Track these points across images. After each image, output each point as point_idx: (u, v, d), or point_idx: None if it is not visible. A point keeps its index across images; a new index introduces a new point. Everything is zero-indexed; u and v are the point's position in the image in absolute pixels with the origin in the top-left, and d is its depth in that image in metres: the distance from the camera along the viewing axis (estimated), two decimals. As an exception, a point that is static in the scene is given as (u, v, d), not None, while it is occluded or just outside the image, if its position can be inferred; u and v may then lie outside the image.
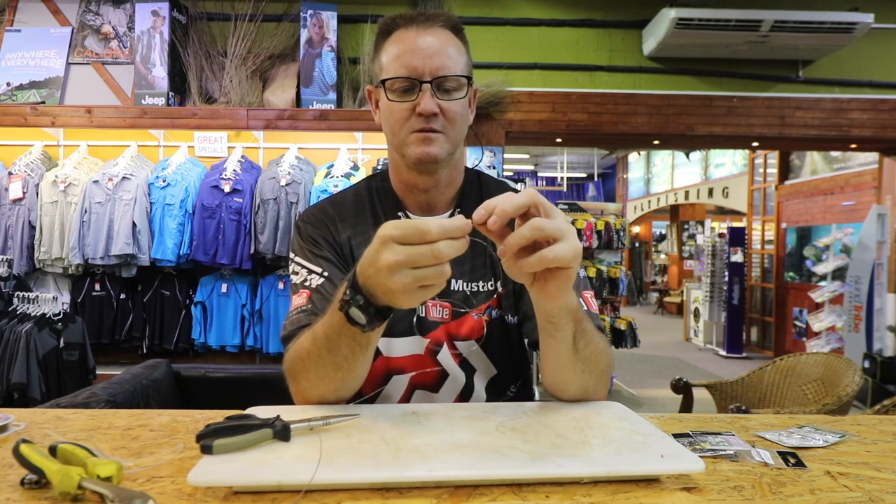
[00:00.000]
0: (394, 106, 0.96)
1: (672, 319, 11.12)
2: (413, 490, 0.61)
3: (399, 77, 0.95)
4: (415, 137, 0.96)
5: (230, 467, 0.62)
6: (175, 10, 3.71)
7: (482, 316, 1.02)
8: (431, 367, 1.02)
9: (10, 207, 3.50)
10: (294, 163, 3.55)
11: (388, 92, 0.96)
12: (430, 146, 0.96)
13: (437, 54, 0.95)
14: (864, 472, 0.71)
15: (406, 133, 0.97)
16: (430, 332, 1.02)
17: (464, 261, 1.03)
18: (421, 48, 0.94)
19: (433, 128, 0.96)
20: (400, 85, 0.95)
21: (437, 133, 0.96)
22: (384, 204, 1.07)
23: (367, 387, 1.00)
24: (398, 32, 0.98)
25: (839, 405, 2.30)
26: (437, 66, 0.94)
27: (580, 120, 3.95)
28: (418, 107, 0.94)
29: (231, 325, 3.58)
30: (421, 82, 0.94)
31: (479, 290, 1.03)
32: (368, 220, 1.05)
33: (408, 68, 0.94)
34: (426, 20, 0.97)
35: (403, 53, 0.95)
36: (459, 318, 1.01)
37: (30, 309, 2.70)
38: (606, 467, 0.64)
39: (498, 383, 1.04)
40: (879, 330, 4.98)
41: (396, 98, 0.96)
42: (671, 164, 11.96)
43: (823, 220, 6.75)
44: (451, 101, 0.96)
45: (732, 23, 3.64)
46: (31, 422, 0.86)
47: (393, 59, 0.96)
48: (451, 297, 1.02)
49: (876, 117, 4.04)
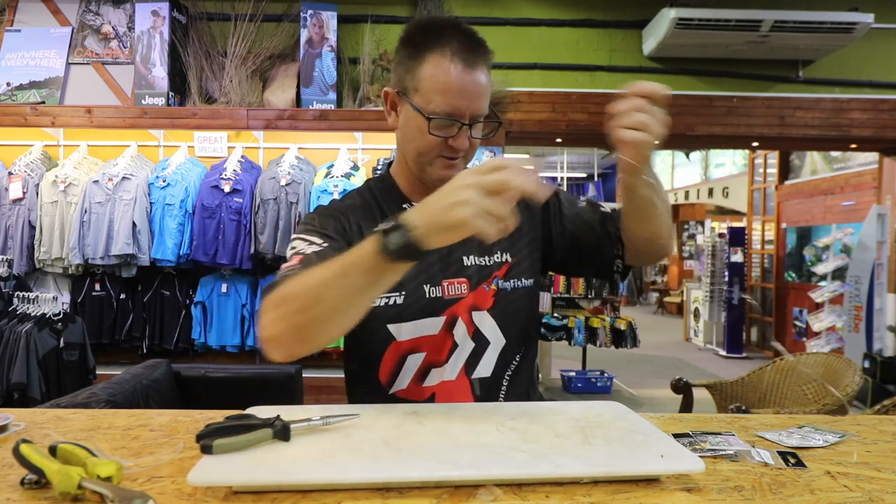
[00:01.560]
0: (429, 137, 1.00)
1: (672, 319, 11.12)
2: (413, 490, 0.61)
3: (444, 118, 0.99)
4: (441, 162, 1.03)
5: (230, 467, 0.62)
6: (175, 10, 3.71)
7: (491, 286, 1.08)
8: (446, 343, 1.05)
9: (10, 207, 3.50)
10: (294, 163, 3.55)
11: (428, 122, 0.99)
12: (451, 171, 1.03)
13: (479, 97, 1.00)
14: (864, 472, 0.71)
15: (433, 156, 1.03)
16: (447, 310, 1.05)
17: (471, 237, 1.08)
18: (467, 90, 0.98)
19: (458, 156, 1.04)
20: (441, 122, 0.99)
21: (460, 159, 1.04)
22: (388, 201, 1.11)
23: (384, 374, 1.05)
24: (439, 59, 0.98)
25: (839, 405, 2.30)
26: (476, 109, 1.00)
27: (580, 120, 3.95)
28: (453, 142, 1.01)
29: (231, 325, 3.58)
30: (462, 123, 0.99)
31: (488, 264, 1.09)
32: (376, 216, 1.09)
33: (452, 108, 0.98)
34: (473, 57, 0.99)
35: (449, 91, 0.98)
36: (476, 290, 1.07)
37: (30, 309, 2.70)
38: (606, 467, 0.65)
39: (505, 354, 1.09)
40: (879, 330, 4.98)
41: (436, 131, 1.00)
42: (671, 164, 11.96)
43: (823, 220, 6.75)
44: (477, 137, 1.03)
45: (732, 23, 3.64)
46: (31, 422, 0.86)
47: (437, 92, 0.98)
48: (466, 272, 1.07)
49: (876, 117, 4.04)
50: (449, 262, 1.07)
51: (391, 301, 1.04)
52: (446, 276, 1.06)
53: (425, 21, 1.04)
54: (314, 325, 0.82)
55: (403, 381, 1.05)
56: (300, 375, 2.28)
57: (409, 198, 1.12)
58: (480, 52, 1.00)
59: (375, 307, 1.04)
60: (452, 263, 1.07)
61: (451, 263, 1.07)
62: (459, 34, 1.00)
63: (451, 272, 1.07)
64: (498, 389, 1.08)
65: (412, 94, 1.01)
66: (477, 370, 1.06)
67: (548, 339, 5.07)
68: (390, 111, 1.08)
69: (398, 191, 1.12)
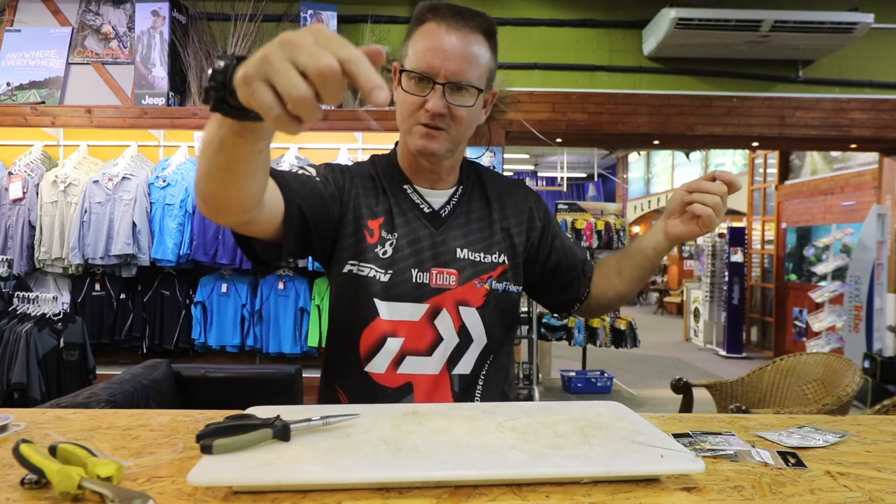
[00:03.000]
0: (406, 96, 1.00)
1: (672, 319, 11.12)
2: (413, 490, 0.61)
3: (416, 73, 0.98)
4: (419, 130, 1.01)
5: (230, 467, 0.62)
6: (175, 10, 3.71)
7: (484, 285, 1.07)
8: (426, 333, 1.04)
9: (10, 207, 3.50)
10: (294, 163, 3.55)
11: (404, 81, 1.00)
12: (431, 141, 1.01)
13: (457, 58, 0.97)
14: (864, 472, 0.71)
15: (412, 123, 1.01)
16: (431, 299, 1.04)
17: (470, 231, 1.10)
18: (443, 48, 0.97)
19: (438, 125, 1.00)
20: (415, 78, 0.99)
21: (441, 130, 1.01)
22: (389, 179, 1.11)
23: (363, 348, 1.04)
24: (430, 24, 0.99)
25: (839, 405, 2.30)
26: (453, 70, 0.97)
27: (580, 120, 3.95)
28: (427, 104, 0.98)
29: (231, 325, 3.58)
30: (435, 82, 0.97)
31: (482, 261, 1.08)
32: (378, 190, 1.09)
33: (426, 65, 0.97)
34: (459, 19, 0.98)
35: (426, 49, 0.98)
36: (465, 284, 1.06)
37: (30, 309, 2.69)
38: (606, 467, 0.65)
39: (485, 352, 1.08)
40: (879, 330, 4.98)
41: (410, 90, 0.99)
42: (671, 164, 11.96)
43: (823, 220, 6.75)
44: (459, 105, 0.99)
45: (732, 23, 3.64)
46: (31, 422, 0.86)
47: (416, 52, 0.99)
48: (457, 264, 1.06)
49: (876, 117, 4.04)
50: (441, 251, 1.06)
51: (377, 276, 1.03)
52: (436, 264, 1.05)
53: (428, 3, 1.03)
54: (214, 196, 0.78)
55: (380, 364, 1.03)
56: (300, 375, 2.28)
57: (409, 178, 1.11)
58: (469, 17, 0.99)
59: (363, 277, 1.03)
60: (444, 253, 1.06)
61: (444, 253, 1.06)
62: (454, 6, 1.00)
63: (441, 261, 1.06)
64: (475, 387, 1.07)
65: (404, 61, 1.02)
66: (458, 366, 1.05)
67: (548, 339, 5.07)
68: (397, 86, 1.06)
69: (399, 169, 1.12)
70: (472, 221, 1.11)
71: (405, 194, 1.10)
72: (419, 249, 1.05)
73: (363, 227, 1.05)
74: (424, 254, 1.05)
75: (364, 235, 1.05)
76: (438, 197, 1.11)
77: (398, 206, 1.08)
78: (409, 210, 1.08)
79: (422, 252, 1.05)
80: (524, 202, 1.17)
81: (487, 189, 1.15)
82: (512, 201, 1.16)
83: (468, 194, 1.14)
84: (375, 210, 1.07)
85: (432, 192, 1.11)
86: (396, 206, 1.08)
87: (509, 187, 1.19)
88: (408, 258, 1.04)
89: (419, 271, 1.04)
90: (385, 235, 1.05)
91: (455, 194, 1.12)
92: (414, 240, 1.06)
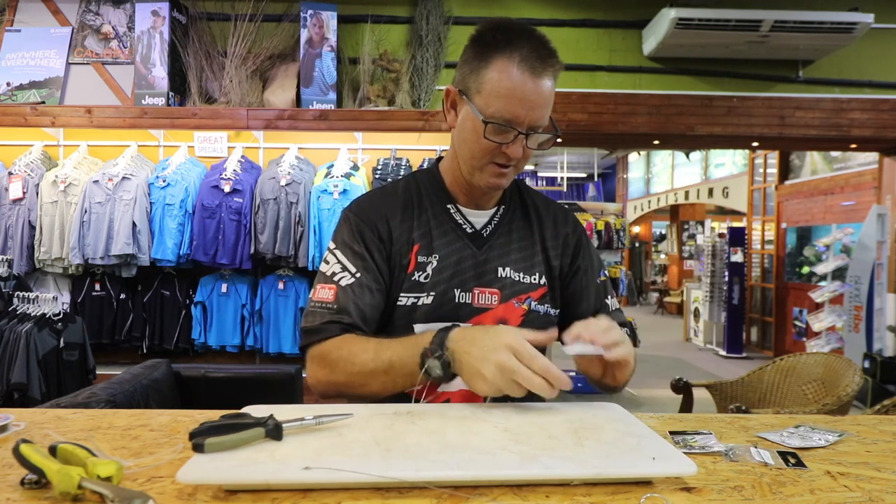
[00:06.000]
0: (483, 141, 0.99)
1: (672, 319, 11.12)
2: (413, 490, 0.61)
3: (501, 123, 0.97)
4: (492, 169, 1.03)
5: (220, 465, 0.62)
6: (175, 10, 3.71)
7: (522, 305, 1.08)
8: None
9: (10, 207, 3.50)
10: (294, 163, 3.55)
11: (485, 126, 0.98)
12: (501, 179, 1.04)
13: (540, 108, 0.97)
14: (864, 472, 0.71)
15: (485, 161, 1.02)
16: (473, 318, 1.05)
17: (511, 251, 1.10)
18: (528, 99, 0.96)
19: (510, 165, 1.02)
20: (496, 126, 0.97)
21: (511, 167, 1.03)
22: (433, 198, 1.11)
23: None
24: (508, 62, 0.96)
25: (839, 405, 2.30)
26: (536, 119, 0.98)
27: (580, 120, 3.95)
28: (507, 149, 0.99)
29: (231, 326, 3.58)
30: (518, 132, 0.98)
31: (522, 281, 1.09)
32: (416, 213, 1.09)
33: (511, 115, 0.96)
34: (538, 65, 0.96)
35: (510, 98, 0.96)
36: (505, 303, 1.07)
37: (30, 309, 2.69)
38: (596, 469, 0.64)
39: None
40: (879, 330, 4.98)
41: (492, 137, 0.98)
42: (671, 164, 11.95)
43: (823, 220, 6.75)
44: (532, 147, 1.01)
45: (732, 23, 3.64)
46: (31, 422, 0.86)
47: (498, 97, 0.96)
48: (498, 283, 1.07)
49: (876, 117, 4.04)
50: (484, 271, 1.07)
51: (419, 301, 1.04)
52: (479, 284, 1.06)
53: (498, 21, 1.00)
54: (355, 393, 0.98)
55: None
56: (300, 376, 2.28)
57: (454, 197, 1.11)
58: (550, 61, 0.97)
59: (403, 306, 1.04)
60: (487, 272, 1.07)
61: (486, 272, 1.07)
62: (531, 40, 0.97)
63: (484, 281, 1.06)
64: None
65: (473, 96, 0.99)
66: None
67: (548, 339, 5.06)
68: (450, 109, 1.06)
69: (444, 188, 1.12)
70: (513, 241, 1.11)
71: (448, 214, 1.10)
72: (462, 270, 1.06)
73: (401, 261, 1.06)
74: (467, 273, 1.06)
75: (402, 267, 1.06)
76: (481, 217, 1.11)
77: (439, 228, 1.08)
78: (450, 231, 1.09)
79: (464, 272, 1.06)
80: (563, 226, 1.17)
81: (529, 209, 1.16)
82: (551, 223, 1.16)
83: (510, 213, 1.14)
84: (411, 238, 1.07)
85: (475, 213, 1.11)
86: (437, 228, 1.08)
87: (552, 209, 1.18)
88: (450, 279, 1.05)
89: (461, 291, 1.05)
90: (422, 259, 1.06)
91: (497, 213, 1.13)
92: (457, 260, 1.06)
